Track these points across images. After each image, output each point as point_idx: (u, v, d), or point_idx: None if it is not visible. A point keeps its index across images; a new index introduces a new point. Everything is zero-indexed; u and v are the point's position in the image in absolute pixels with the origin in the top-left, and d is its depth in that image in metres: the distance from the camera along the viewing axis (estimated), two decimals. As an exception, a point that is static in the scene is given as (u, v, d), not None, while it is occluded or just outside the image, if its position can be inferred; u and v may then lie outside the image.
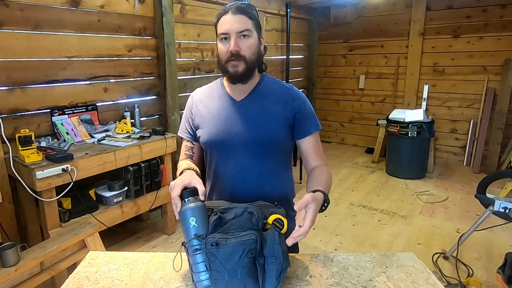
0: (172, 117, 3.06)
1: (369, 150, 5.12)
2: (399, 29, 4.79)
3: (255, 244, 0.86)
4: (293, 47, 4.93)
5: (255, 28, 1.11)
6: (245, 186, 1.18)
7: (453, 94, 4.56)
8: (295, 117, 1.16)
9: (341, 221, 3.11)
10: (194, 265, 0.90)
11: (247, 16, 1.09)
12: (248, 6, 1.12)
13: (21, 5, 2.12)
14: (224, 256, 0.85)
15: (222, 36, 1.09)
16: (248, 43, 1.09)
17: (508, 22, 4.08)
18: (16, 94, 2.18)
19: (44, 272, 1.70)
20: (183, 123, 1.28)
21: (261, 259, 0.88)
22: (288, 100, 1.17)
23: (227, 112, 1.17)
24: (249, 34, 1.09)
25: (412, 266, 1.04)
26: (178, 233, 2.86)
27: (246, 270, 0.86)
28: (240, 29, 1.07)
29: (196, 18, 3.32)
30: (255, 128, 1.14)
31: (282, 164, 1.24)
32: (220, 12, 1.11)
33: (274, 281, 0.89)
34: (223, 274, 0.85)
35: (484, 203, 2.34)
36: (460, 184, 3.94)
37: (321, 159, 1.20)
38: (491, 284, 2.20)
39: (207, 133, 1.18)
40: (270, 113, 1.15)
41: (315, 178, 1.12)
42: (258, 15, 1.14)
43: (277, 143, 1.17)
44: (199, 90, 1.28)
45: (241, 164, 1.16)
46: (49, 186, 1.93)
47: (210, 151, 1.22)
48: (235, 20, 1.07)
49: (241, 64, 1.09)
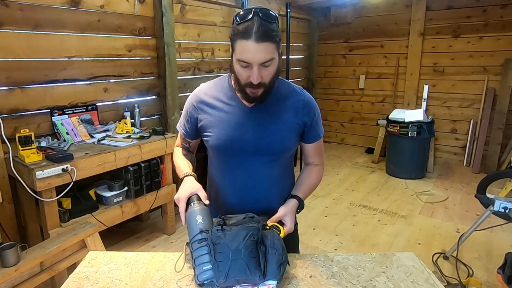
0: (172, 117, 3.06)
1: (369, 150, 5.11)
2: (399, 29, 4.79)
3: (257, 232, 0.94)
4: (293, 47, 4.93)
5: (278, 49, 1.00)
6: (253, 190, 1.18)
7: (453, 94, 4.56)
8: (306, 125, 1.15)
9: (341, 221, 3.11)
10: (197, 258, 0.92)
11: (272, 41, 0.96)
12: (272, 26, 0.97)
13: (21, 5, 2.12)
14: (229, 237, 0.92)
15: (242, 63, 0.98)
16: (270, 71, 1.01)
17: (508, 22, 4.08)
18: (16, 94, 2.18)
19: (44, 272, 1.70)
20: (183, 119, 1.24)
21: (263, 247, 0.95)
22: (299, 108, 1.13)
23: (237, 118, 1.11)
24: (273, 61, 0.99)
25: (412, 266, 1.04)
26: (178, 233, 2.86)
27: (249, 251, 0.91)
28: (264, 60, 0.96)
29: (196, 18, 3.32)
30: (267, 136, 1.11)
31: (288, 165, 1.25)
32: (239, 30, 0.96)
33: (276, 269, 0.93)
34: (227, 254, 0.90)
35: (484, 203, 2.34)
36: (460, 184, 3.94)
37: (319, 159, 1.26)
38: (491, 284, 2.20)
39: (216, 139, 1.13)
40: (282, 121, 1.12)
41: (302, 179, 1.24)
42: (279, 23, 1.02)
43: (288, 150, 1.17)
44: (204, 88, 1.19)
45: (250, 170, 1.15)
46: (49, 186, 1.93)
47: (217, 155, 1.20)
48: (259, 50, 0.95)
49: (260, 90, 1.02)
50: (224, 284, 0.90)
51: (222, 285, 0.90)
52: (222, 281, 0.89)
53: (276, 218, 1.10)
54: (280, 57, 1.03)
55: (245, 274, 0.89)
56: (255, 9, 0.97)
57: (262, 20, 0.95)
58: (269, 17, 0.97)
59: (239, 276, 0.89)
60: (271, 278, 0.92)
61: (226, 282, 0.89)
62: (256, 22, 0.94)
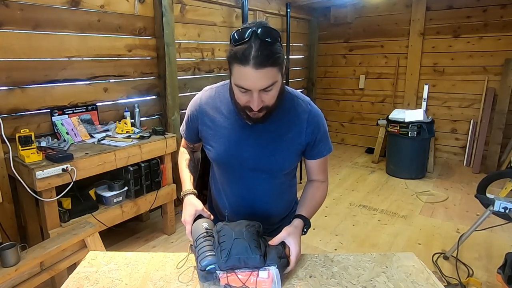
0: (172, 117, 3.06)
1: (369, 150, 5.12)
2: (399, 29, 4.79)
3: (259, 225, 1.00)
4: (293, 47, 4.93)
5: (281, 70, 0.91)
6: (253, 204, 1.17)
7: (453, 94, 4.56)
8: (308, 144, 1.09)
9: (341, 221, 3.10)
10: (201, 249, 0.95)
11: (273, 66, 0.87)
12: (273, 48, 0.87)
13: (21, 5, 2.12)
14: (232, 224, 0.98)
15: (241, 88, 0.91)
16: (272, 94, 0.93)
17: (508, 22, 4.08)
18: (16, 94, 2.18)
19: (44, 272, 1.70)
20: (185, 125, 1.21)
21: (263, 239, 0.99)
22: (303, 125, 1.06)
23: (237, 135, 1.06)
24: (275, 84, 0.91)
25: (412, 266, 1.04)
26: (178, 233, 2.86)
27: (251, 234, 0.95)
28: (265, 86, 0.88)
29: (196, 18, 3.32)
30: (267, 156, 1.06)
31: (289, 179, 1.23)
32: (236, 53, 0.86)
33: (276, 258, 0.94)
34: (230, 236, 0.93)
35: (484, 203, 2.34)
36: (460, 184, 3.94)
37: (323, 175, 1.21)
38: (491, 284, 2.20)
39: (215, 153, 1.11)
40: (283, 141, 1.06)
41: (306, 198, 1.15)
42: (281, 42, 0.92)
43: (288, 169, 1.15)
44: (206, 96, 1.12)
45: (249, 184, 1.13)
46: (49, 186, 1.93)
47: (217, 167, 1.20)
48: (258, 77, 0.86)
49: (262, 112, 0.96)
50: (226, 264, 0.90)
51: (223, 266, 0.90)
52: (224, 260, 0.90)
53: (279, 239, 1.00)
54: (283, 76, 0.95)
55: (247, 253, 0.91)
56: (253, 28, 0.86)
57: (261, 42, 0.85)
58: (270, 36, 0.86)
59: (240, 254, 0.90)
60: (271, 264, 0.93)
61: (228, 261, 0.90)
62: (254, 45, 0.84)
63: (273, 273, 0.91)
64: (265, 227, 1.06)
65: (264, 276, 0.91)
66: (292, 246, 0.99)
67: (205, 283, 0.94)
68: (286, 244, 1.00)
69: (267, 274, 0.91)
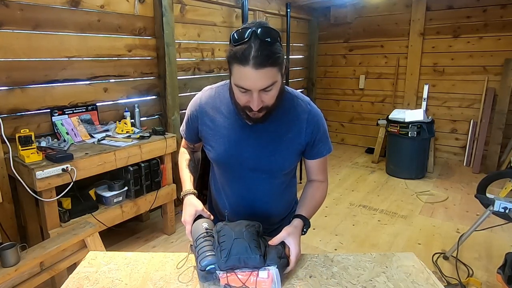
0: (172, 117, 3.06)
1: (369, 150, 5.11)
2: (399, 29, 4.79)
3: (259, 225, 1.01)
4: (293, 47, 4.93)
5: (281, 70, 0.92)
6: (253, 204, 1.17)
7: (453, 94, 4.56)
8: (308, 143, 1.10)
9: (341, 221, 3.11)
10: (201, 249, 0.95)
11: (273, 66, 0.88)
12: (273, 47, 0.87)
13: (21, 5, 2.12)
14: (232, 225, 0.99)
15: (240, 88, 0.92)
16: (272, 94, 0.94)
17: (508, 22, 4.07)
18: (16, 94, 2.18)
19: (44, 272, 1.70)
20: (185, 125, 1.22)
21: (263, 239, 0.99)
22: (303, 125, 1.07)
23: (236, 135, 1.07)
24: (275, 84, 0.92)
25: (412, 266, 1.04)
26: (178, 233, 2.86)
27: (251, 234, 0.95)
28: (265, 86, 0.89)
29: (196, 18, 3.32)
30: (266, 156, 1.07)
31: (289, 179, 1.23)
32: (235, 53, 0.87)
33: (276, 258, 0.94)
34: (230, 236, 0.94)
35: (484, 203, 2.34)
36: (460, 184, 3.94)
37: (323, 175, 1.21)
38: (491, 284, 2.20)
39: (215, 153, 1.12)
40: (283, 141, 1.06)
41: (305, 198, 1.16)
42: (281, 42, 0.93)
43: (288, 169, 1.15)
44: (206, 96, 1.12)
45: (249, 184, 1.14)
46: (49, 186, 1.93)
47: (217, 167, 1.20)
48: (258, 77, 0.87)
49: (262, 112, 0.97)
50: (226, 264, 0.90)
51: (223, 266, 0.90)
52: (224, 260, 0.90)
53: (278, 239, 1.00)
54: (283, 76, 0.95)
55: (246, 253, 0.91)
56: (253, 28, 0.87)
57: (261, 42, 0.85)
58: (269, 36, 0.87)
59: (240, 254, 0.91)
60: (271, 264, 0.93)
61: (228, 261, 0.90)
62: (254, 45, 0.85)
63: (273, 273, 0.91)
64: (265, 227, 1.06)
65: (264, 276, 0.91)
66: (292, 246, 0.99)
67: (205, 283, 0.94)
68: (286, 244, 1.00)
69: (267, 274, 0.91)
